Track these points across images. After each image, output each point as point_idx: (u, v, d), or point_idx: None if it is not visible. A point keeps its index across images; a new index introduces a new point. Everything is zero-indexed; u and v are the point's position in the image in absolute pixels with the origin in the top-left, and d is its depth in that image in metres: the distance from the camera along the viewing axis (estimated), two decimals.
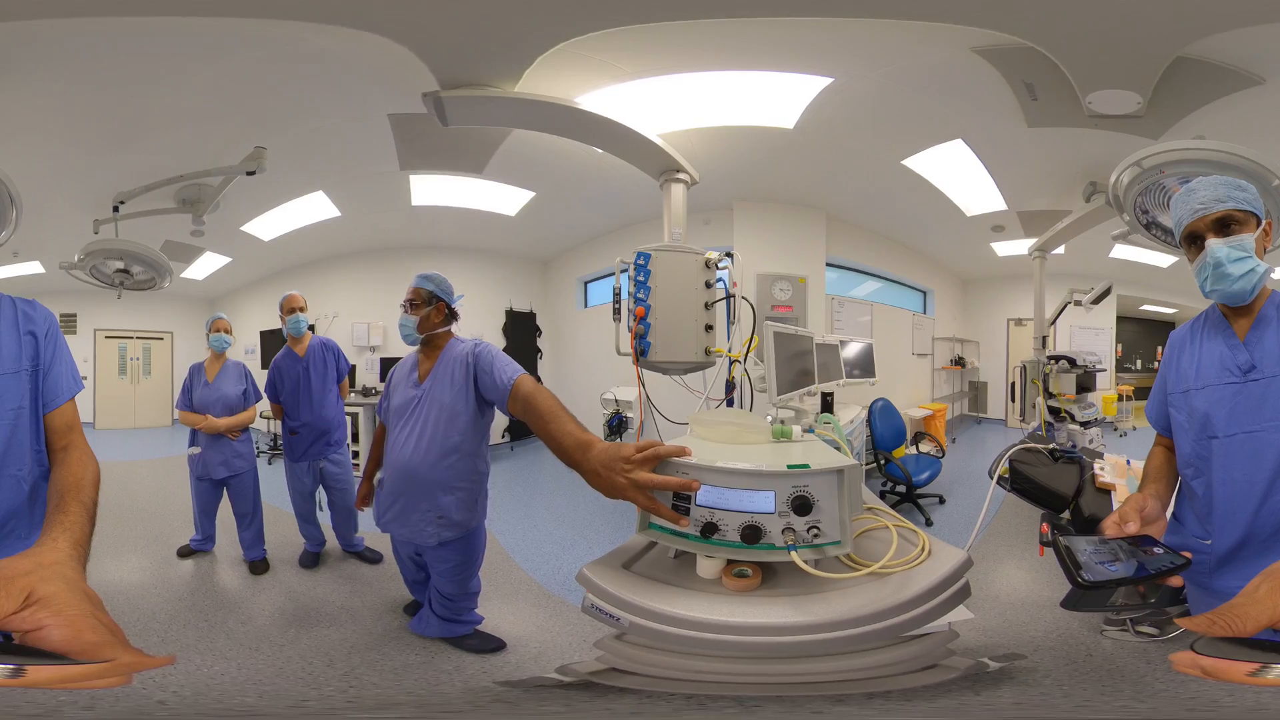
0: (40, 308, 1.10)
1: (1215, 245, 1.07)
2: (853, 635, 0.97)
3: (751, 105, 2.41)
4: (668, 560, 1.18)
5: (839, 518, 1.02)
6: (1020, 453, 2.10)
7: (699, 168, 2.24)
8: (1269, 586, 0.57)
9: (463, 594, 1.96)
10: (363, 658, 1.89)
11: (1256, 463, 1.04)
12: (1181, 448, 1.17)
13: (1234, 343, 1.11)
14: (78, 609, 0.55)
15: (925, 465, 3.24)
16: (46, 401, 1.03)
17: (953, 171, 2.92)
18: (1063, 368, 3.22)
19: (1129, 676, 1.62)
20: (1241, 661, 0.50)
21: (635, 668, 1.10)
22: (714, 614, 0.99)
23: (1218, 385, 1.10)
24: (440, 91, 2.04)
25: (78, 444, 1.03)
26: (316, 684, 1.73)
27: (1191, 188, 1.13)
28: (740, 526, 1.02)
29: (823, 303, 3.42)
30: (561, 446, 1.27)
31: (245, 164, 2.60)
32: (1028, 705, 1.38)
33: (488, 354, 1.79)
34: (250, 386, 2.81)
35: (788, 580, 1.08)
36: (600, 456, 1.10)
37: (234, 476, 2.67)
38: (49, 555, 0.65)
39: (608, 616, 1.03)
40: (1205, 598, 1.15)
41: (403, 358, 2.04)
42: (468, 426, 1.81)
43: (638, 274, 1.85)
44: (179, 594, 2.36)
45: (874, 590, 1.02)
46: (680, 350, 1.88)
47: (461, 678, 1.80)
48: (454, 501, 1.81)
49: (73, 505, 0.83)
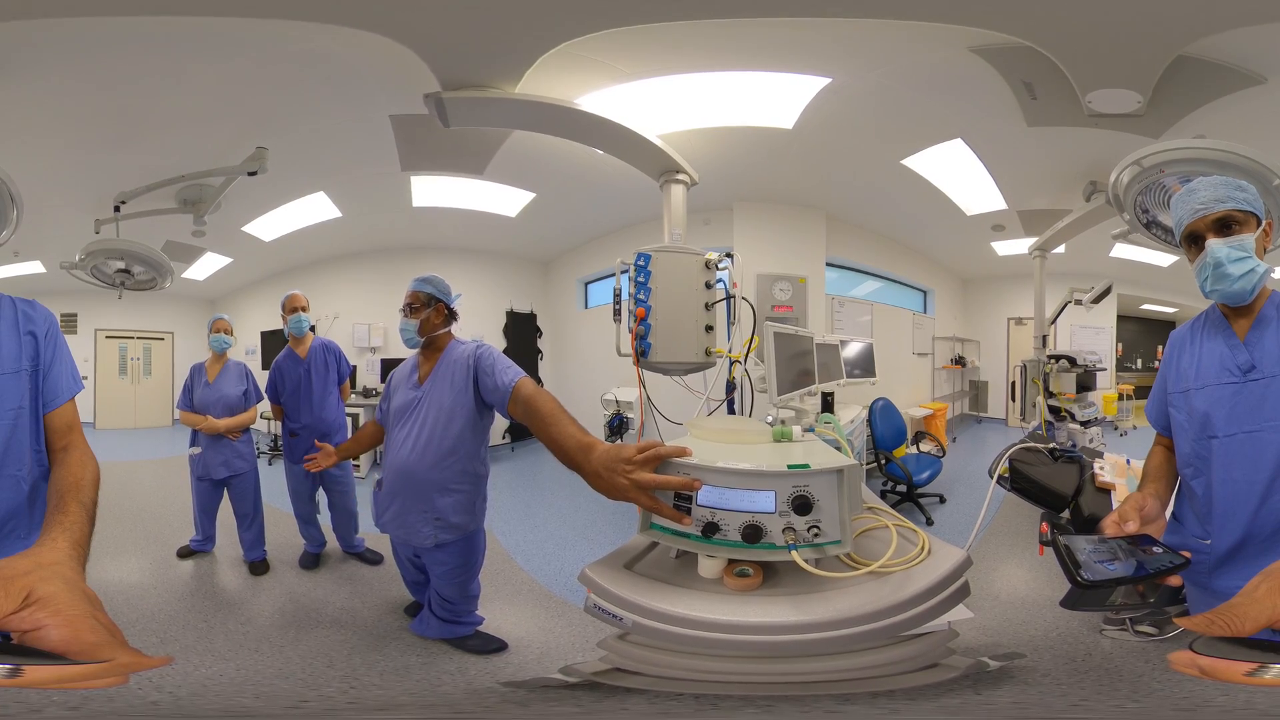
0: (40, 308, 1.10)
1: (1215, 245, 1.07)
2: (853, 634, 0.98)
3: (750, 106, 2.41)
4: (669, 560, 1.19)
5: (839, 517, 1.03)
6: (1020, 452, 2.10)
7: (698, 168, 2.24)
8: (1268, 586, 0.57)
9: (462, 597, 1.96)
10: (363, 659, 1.88)
11: (1256, 463, 1.04)
12: (1181, 447, 1.17)
13: (1234, 342, 1.11)
14: (77, 609, 0.55)
15: (926, 465, 3.24)
16: (46, 401, 1.04)
17: (952, 171, 2.91)
18: (1063, 367, 3.22)
19: (1126, 676, 1.62)
20: (1239, 661, 0.50)
21: (639, 667, 1.11)
22: (716, 613, 1.00)
23: (1217, 385, 1.10)
24: (442, 92, 2.03)
25: (77, 444, 1.03)
26: (316, 685, 1.73)
27: (1192, 188, 1.12)
28: (741, 526, 1.02)
29: (823, 303, 3.42)
30: (563, 449, 1.27)
31: (247, 164, 2.60)
32: (1026, 705, 1.38)
33: (489, 356, 1.78)
34: (251, 387, 2.80)
35: (789, 579, 1.09)
36: (601, 458, 1.11)
37: (234, 477, 2.67)
38: (48, 555, 0.65)
39: (611, 617, 1.04)
40: (1204, 597, 1.15)
41: (403, 360, 2.04)
42: (467, 428, 1.81)
43: (638, 275, 1.85)
44: (178, 594, 2.36)
45: (874, 590, 1.02)
46: (681, 351, 1.88)
47: (464, 679, 1.80)
48: (451, 504, 1.81)
49: (72, 505, 0.83)
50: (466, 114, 2.12)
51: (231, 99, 2.30)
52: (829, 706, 1.05)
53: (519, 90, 2.03)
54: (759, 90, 2.32)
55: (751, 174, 2.92)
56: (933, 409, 3.89)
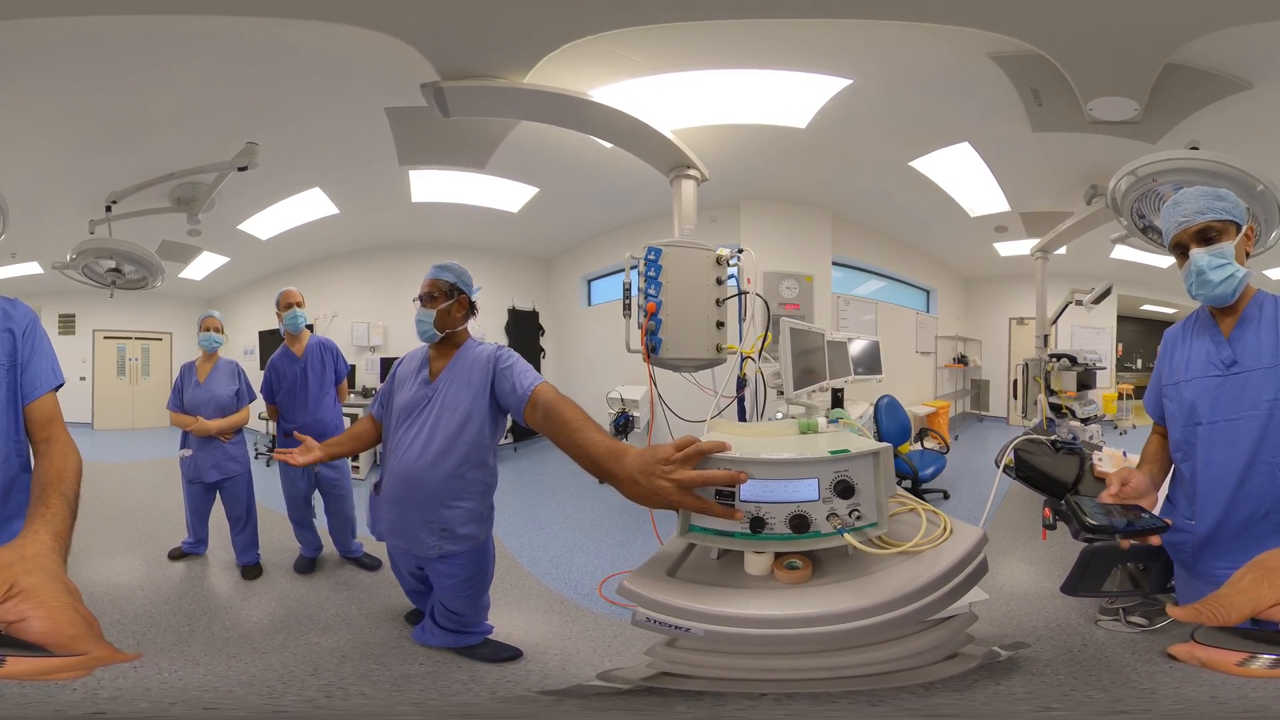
0: (21, 306, 1.12)
1: (1197, 255, 1.19)
2: (903, 615, 1.00)
3: (765, 104, 2.40)
4: (710, 562, 1.17)
5: (877, 499, 1.07)
6: (1025, 443, 2.22)
7: (707, 165, 2.22)
8: (1253, 577, 0.59)
9: (472, 609, 1.85)
10: (354, 667, 1.80)
11: (1234, 447, 1.17)
12: (1173, 434, 1.29)
13: (1219, 339, 1.23)
14: (58, 601, 0.56)
15: (930, 460, 3.26)
16: (25, 394, 1.05)
17: (958, 173, 2.94)
18: (1064, 366, 3.24)
19: (1112, 666, 1.68)
20: (1231, 651, 0.51)
21: (691, 670, 1.11)
22: (783, 609, 1.00)
23: (1204, 377, 1.22)
24: (441, 82, 1.95)
25: (59, 436, 1.04)
26: (287, 693, 1.63)
27: (1177, 199, 1.24)
28: (788, 517, 1.03)
29: (829, 301, 3.43)
30: (591, 456, 1.20)
31: (237, 160, 2.55)
32: (1038, 695, 1.43)
33: (508, 358, 1.68)
34: (243, 386, 2.71)
35: (833, 568, 1.11)
36: (636, 462, 1.05)
37: (226, 480, 2.59)
38: (31, 548, 0.66)
39: (669, 627, 1.01)
40: (1192, 583, 1.26)
41: (408, 352, 1.91)
42: (480, 434, 1.69)
43: (649, 270, 1.82)
44: (164, 597, 2.28)
45: (911, 568, 1.06)
46: (692, 347, 1.86)
47: (481, 688, 1.72)
48: (460, 514, 1.69)
49: (54, 497, 0.84)
50: (468, 104, 2.05)
51: (223, 96, 2.26)
52: (886, 698, 1.08)
53: (527, 81, 1.99)
54: (775, 89, 2.31)
55: (761, 172, 2.91)
56: (935, 407, 3.93)
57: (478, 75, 1.96)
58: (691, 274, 1.86)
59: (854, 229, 3.50)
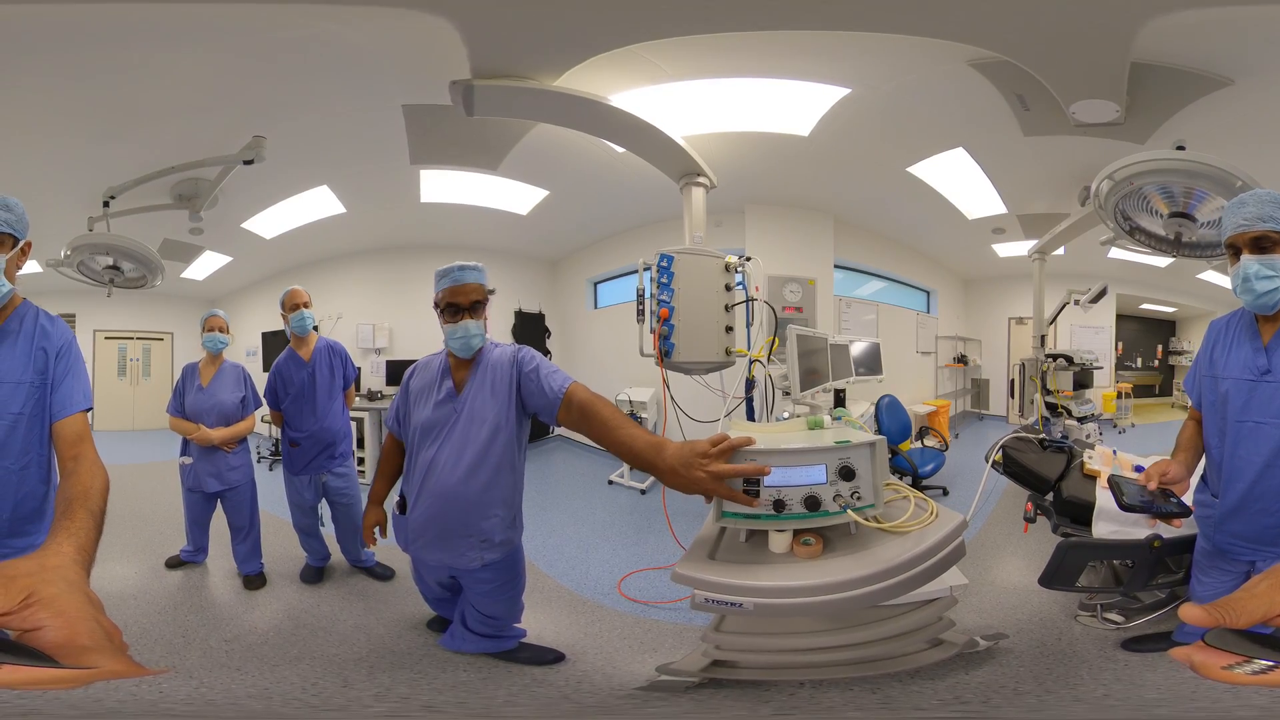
0: (60, 324, 1.16)
1: (1248, 261, 1.27)
2: (897, 583, 1.17)
3: (770, 112, 2.44)
4: (739, 544, 1.33)
5: (873, 483, 1.25)
6: (1013, 441, 2.31)
7: (714, 171, 2.24)
8: (1269, 584, 0.59)
9: (509, 612, 1.83)
10: (391, 677, 1.73)
11: (1258, 448, 1.32)
12: (1207, 418, 1.44)
13: (1258, 345, 1.34)
14: (78, 611, 0.56)
15: (930, 458, 3.31)
16: (55, 413, 1.09)
17: (954, 178, 2.99)
18: (1060, 365, 3.29)
19: (1074, 660, 1.74)
20: (1227, 653, 0.52)
21: (739, 658, 1.28)
22: (805, 579, 1.17)
23: (1239, 379, 1.35)
24: (473, 79, 1.90)
25: (88, 454, 1.06)
26: (318, 705, 1.58)
27: (1242, 200, 1.29)
28: (803, 498, 1.22)
29: (831, 303, 3.46)
30: (632, 450, 1.32)
31: (243, 153, 2.45)
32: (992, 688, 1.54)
33: (532, 359, 1.63)
34: (249, 393, 2.52)
35: (839, 544, 1.29)
36: (676, 455, 1.20)
37: (228, 490, 2.42)
38: (53, 559, 0.67)
39: (727, 604, 1.17)
40: (1211, 559, 1.44)
41: (417, 361, 1.80)
42: (511, 441, 1.64)
43: (660, 275, 1.85)
44: (159, 607, 2.18)
45: (901, 543, 1.24)
46: (702, 351, 1.90)
47: (550, 691, 1.66)
48: (495, 522, 1.65)
49: (79, 512, 0.85)
50: (493, 103, 2.00)
51: (230, 88, 2.18)
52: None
53: (556, 85, 1.94)
54: (780, 97, 2.35)
55: (765, 178, 2.94)
56: (936, 406, 3.97)
57: (511, 74, 1.91)
58: (701, 280, 1.90)
59: (855, 232, 3.53)
